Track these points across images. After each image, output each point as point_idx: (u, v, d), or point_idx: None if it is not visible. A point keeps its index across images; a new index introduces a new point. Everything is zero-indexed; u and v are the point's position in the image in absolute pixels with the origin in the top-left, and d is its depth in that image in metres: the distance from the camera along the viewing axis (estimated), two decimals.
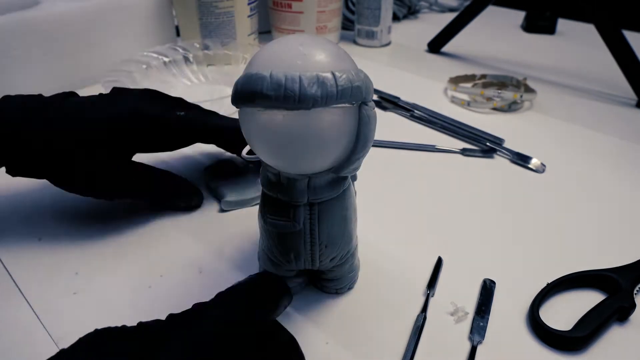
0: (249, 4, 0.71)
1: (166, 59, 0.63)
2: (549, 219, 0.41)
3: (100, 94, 0.39)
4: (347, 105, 0.24)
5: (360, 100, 0.24)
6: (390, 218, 0.41)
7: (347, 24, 0.87)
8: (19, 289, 0.33)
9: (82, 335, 0.20)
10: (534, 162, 0.48)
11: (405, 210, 0.42)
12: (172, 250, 0.37)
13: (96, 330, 0.22)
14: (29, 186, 0.44)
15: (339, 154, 0.25)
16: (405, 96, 0.61)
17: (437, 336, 0.30)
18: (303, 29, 0.77)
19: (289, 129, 0.23)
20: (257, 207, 0.30)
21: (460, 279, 0.35)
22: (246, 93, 0.23)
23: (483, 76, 0.66)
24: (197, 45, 0.66)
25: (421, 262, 0.36)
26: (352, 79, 0.23)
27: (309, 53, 0.23)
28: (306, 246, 0.29)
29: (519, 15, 0.96)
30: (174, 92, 0.63)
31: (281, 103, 0.22)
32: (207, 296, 0.25)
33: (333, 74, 0.23)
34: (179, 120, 0.38)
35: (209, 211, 0.41)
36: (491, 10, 0.78)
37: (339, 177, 0.27)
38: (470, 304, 0.32)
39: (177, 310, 0.25)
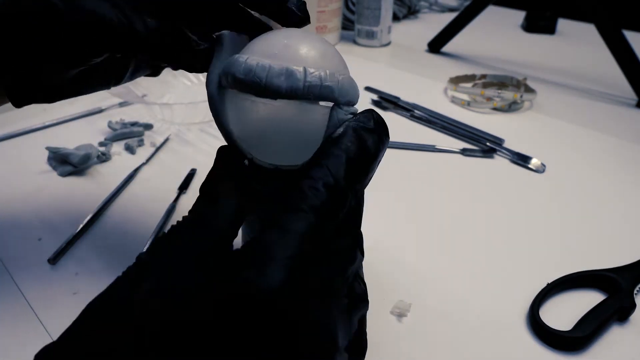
0: None
1: None
2: (549, 219, 0.41)
3: None
4: (325, 104, 0.24)
5: (332, 101, 0.24)
6: (390, 218, 0.41)
7: (347, 24, 0.87)
8: (19, 289, 0.33)
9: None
10: (534, 162, 0.48)
11: (405, 210, 0.42)
12: None
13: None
14: (29, 186, 0.44)
15: (305, 151, 0.25)
16: (405, 96, 0.61)
17: (421, 338, 0.30)
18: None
19: (257, 116, 0.25)
20: None
21: (460, 278, 0.35)
22: (224, 74, 0.24)
23: (483, 76, 0.66)
24: None
25: (421, 262, 0.36)
26: (324, 77, 0.23)
27: (291, 46, 0.24)
28: None
29: (519, 15, 0.96)
30: (174, 92, 0.64)
31: (250, 88, 0.23)
32: None
33: (305, 69, 0.23)
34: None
35: None
36: (491, 10, 0.78)
37: None
38: (468, 304, 0.32)
39: None
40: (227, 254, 0.21)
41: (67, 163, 0.46)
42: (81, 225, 0.38)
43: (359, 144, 0.22)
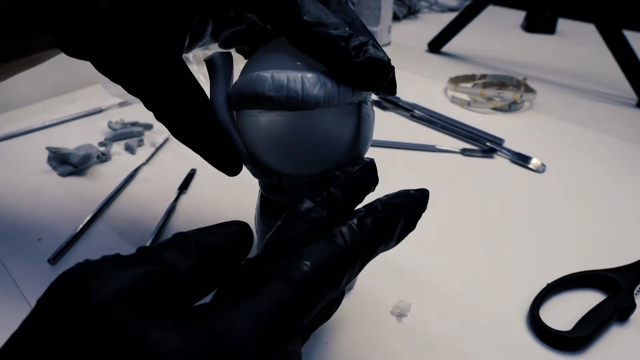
0: None
1: None
2: (549, 219, 0.41)
3: None
4: (349, 105, 0.24)
5: (360, 100, 0.24)
6: None
7: None
8: (19, 289, 0.33)
9: None
10: (534, 162, 0.48)
11: None
12: None
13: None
14: (29, 186, 0.44)
15: (340, 154, 0.25)
16: (405, 96, 0.61)
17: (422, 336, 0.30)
18: None
19: (291, 130, 0.23)
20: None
21: (460, 278, 0.35)
22: (247, 95, 0.23)
23: (483, 76, 0.66)
24: None
25: (421, 262, 0.36)
26: None
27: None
28: None
29: (519, 15, 0.96)
30: None
31: (284, 104, 0.22)
32: (206, 300, 0.25)
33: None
34: None
35: (205, 214, 0.41)
36: (491, 10, 0.78)
37: None
38: (468, 304, 0.32)
39: None
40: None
41: (67, 163, 0.46)
42: (81, 225, 0.38)
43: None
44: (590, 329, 0.30)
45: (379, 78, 0.22)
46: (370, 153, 0.27)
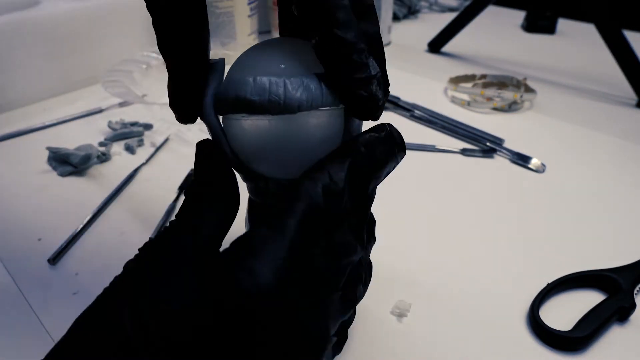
0: (248, 3, 0.71)
1: None
2: (549, 219, 0.41)
3: None
4: (333, 108, 0.24)
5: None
6: (389, 219, 0.41)
7: None
8: (19, 289, 0.33)
9: None
10: (534, 162, 0.48)
11: (404, 210, 0.42)
12: None
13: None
14: (29, 186, 0.44)
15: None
16: (405, 96, 0.61)
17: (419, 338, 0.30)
18: None
19: (276, 134, 0.23)
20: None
21: (460, 278, 0.35)
22: (229, 99, 0.23)
23: (483, 76, 0.66)
24: None
25: (421, 262, 0.36)
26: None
27: (291, 56, 0.23)
28: None
29: (519, 15, 0.96)
30: None
31: (266, 108, 0.22)
32: None
33: (318, 77, 0.23)
34: None
35: None
36: (491, 10, 0.78)
37: None
38: (468, 304, 0.32)
39: None
40: (216, 257, 0.20)
41: (67, 163, 0.46)
42: (81, 225, 0.38)
43: (367, 152, 0.22)
44: (590, 329, 0.30)
45: (369, 112, 0.23)
46: None
